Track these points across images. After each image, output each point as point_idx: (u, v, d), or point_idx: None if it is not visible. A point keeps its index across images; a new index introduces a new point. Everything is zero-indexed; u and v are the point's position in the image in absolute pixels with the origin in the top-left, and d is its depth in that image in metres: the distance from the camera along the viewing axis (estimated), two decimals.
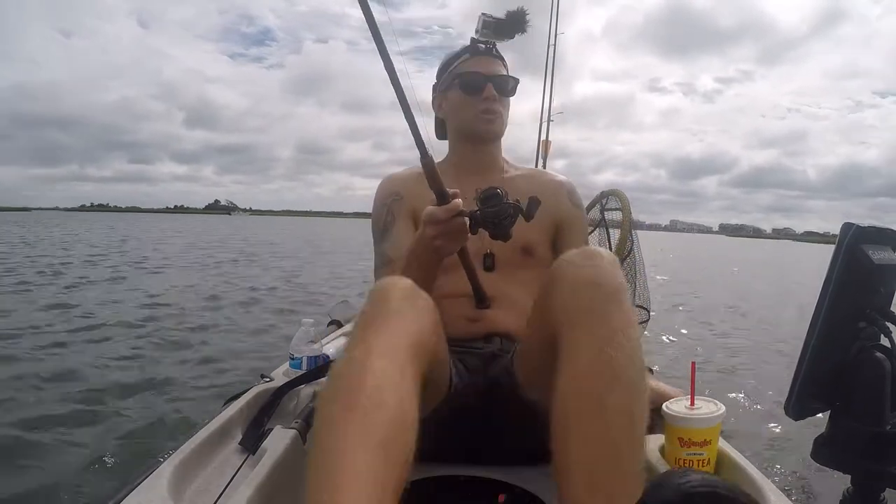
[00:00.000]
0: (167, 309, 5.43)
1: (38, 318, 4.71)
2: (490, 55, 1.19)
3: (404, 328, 0.73)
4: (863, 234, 0.70)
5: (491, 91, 1.15)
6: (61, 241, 17.43)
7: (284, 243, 20.70)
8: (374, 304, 0.76)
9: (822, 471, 0.74)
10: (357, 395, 0.64)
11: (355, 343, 0.71)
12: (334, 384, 0.67)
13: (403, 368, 0.69)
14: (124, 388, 2.92)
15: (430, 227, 0.89)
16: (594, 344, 0.70)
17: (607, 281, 0.75)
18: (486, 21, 1.16)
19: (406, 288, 0.79)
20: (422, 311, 0.78)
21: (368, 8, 0.93)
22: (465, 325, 1.12)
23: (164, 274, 8.81)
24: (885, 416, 0.68)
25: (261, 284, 7.70)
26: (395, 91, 0.96)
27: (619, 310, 0.73)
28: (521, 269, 1.16)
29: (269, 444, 0.94)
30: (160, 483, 0.80)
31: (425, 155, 0.96)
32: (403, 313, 0.75)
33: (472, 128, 1.20)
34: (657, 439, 0.86)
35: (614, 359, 0.69)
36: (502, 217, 0.87)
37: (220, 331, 4.55)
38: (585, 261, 0.78)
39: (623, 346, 0.70)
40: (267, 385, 1.20)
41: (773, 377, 3.72)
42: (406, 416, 0.65)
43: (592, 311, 0.73)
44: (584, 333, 0.72)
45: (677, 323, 5.91)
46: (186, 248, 15.60)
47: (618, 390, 0.67)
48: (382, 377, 0.66)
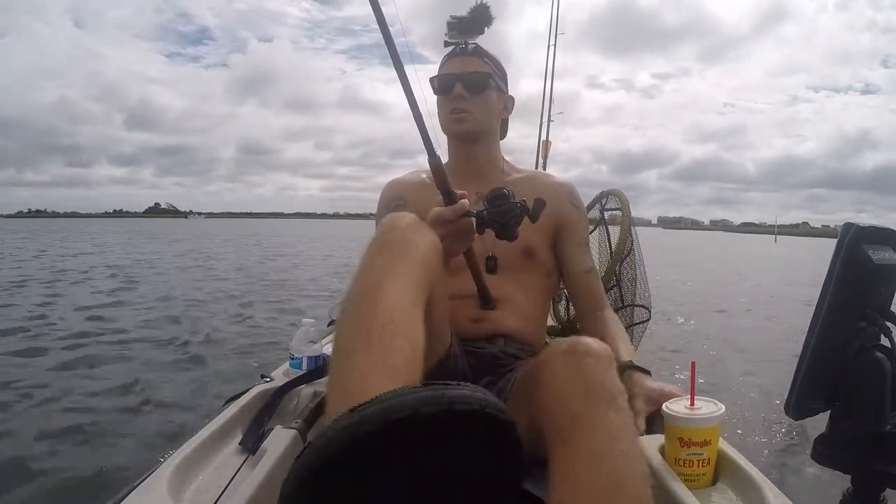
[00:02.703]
0: (168, 309, 5.44)
1: (37, 317, 4.71)
2: (464, 55, 1.19)
3: (413, 255, 0.75)
4: (863, 234, 0.70)
5: (459, 90, 1.16)
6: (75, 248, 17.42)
7: (314, 243, 20.82)
8: (383, 233, 0.78)
9: (822, 471, 0.74)
10: (371, 323, 0.66)
11: (368, 270, 0.73)
12: (348, 306, 0.70)
13: (415, 298, 0.71)
14: (124, 389, 2.92)
15: (438, 228, 0.89)
16: (592, 457, 0.61)
17: (602, 382, 0.66)
18: (450, 23, 1.17)
19: (413, 220, 0.81)
20: (429, 241, 0.80)
21: (378, 5, 0.92)
22: (470, 326, 1.13)
23: (164, 277, 8.82)
24: (885, 416, 0.68)
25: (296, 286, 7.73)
26: (403, 89, 0.95)
27: (617, 415, 0.64)
28: (523, 272, 1.18)
29: (269, 444, 0.94)
30: (160, 483, 0.80)
31: (433, 155, 0.96)
32: (413, 242, 0.77)
33: (447, 128, 1.21)
34: (657, 439, 0.86)
35: (616, 471, 0.60)
36: (509, 217, 0.88)
37: (221, 330, 4.55)
38: (576, 361, 0.68)
39: (624, 453, 0.62)
40: (267, 385, 1.19)
41: (774, 377, 3.72)
42: (416, 343, 0.67)
43: (584, 417, 0.64)
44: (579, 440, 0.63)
45: (677, 322, 5.91)
46: (184, 252, 15.63)
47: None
48: (395, 307, 0.68)
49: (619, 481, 0.60)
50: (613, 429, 0.63)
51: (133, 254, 14.21)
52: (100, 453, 2.16)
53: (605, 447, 0.62)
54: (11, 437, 2.27)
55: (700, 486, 0.81)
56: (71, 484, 1.93)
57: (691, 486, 0.78)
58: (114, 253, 14.55)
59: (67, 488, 1.90)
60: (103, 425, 2.44)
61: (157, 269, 10.05)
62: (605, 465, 0.61)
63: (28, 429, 2.35)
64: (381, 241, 0.77)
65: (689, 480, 0.80)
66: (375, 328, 0.65)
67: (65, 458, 2.11)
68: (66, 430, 2.37)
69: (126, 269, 9.86)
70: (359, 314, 0.68)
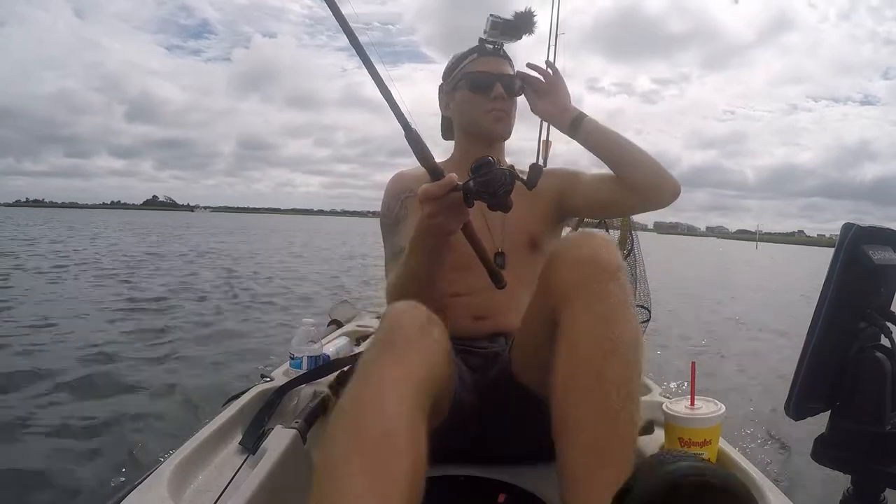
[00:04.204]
0: (167, 308, 5.43)
1: (37, 314, 4.71)
2: (498, 55, 1.19)
3: (418, 361, 0.70)
4: (863, 234, 0.70)
5: (500, 90, 1.15)
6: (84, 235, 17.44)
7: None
8: (387, 331, 0.73)
9: (822, 471, 0.74)
10: (366, 439, 0.61)
11: (366, 376, 0.68)
12: (343, 419, 0.65)
13: (417, 403, 0.67)
14: (124, 389, 2.92)
15: (428, 205, 0.86)
16: (592, 318, 0.73)
17: (606, 259, 0.77)
18: (494, 22, 1.15)
19: (420, 316, 0.76)
20: (436, 343, 0.75)
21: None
22: (471, 324, 1.13)
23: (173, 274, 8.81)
24: (885, 417, 0.68)
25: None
26: (364, 64, 0.91)
27: (618, 286, 0.75)
28: (530, 267, 1.15)
29: (269, 444, 0.94)
30: (160, 483, 0.80)
31: (408, 128, 0.91)
32: (418, 344, 0.72)
33: (480, 127, 1.19)
34: (657, 439, 0.86)
35: (612, 332, 0.71)
36: (497, 185, 0.83)
37: (221, 330, 4.55)
38: (583, 241, 0.80)
39: (621, 320, 0.72)
40: (267, 385, 1.20)
41: (774, 377, 3.72)
42: (417, 458, 0.62)
43: (591, 287, 0.74)
44: (582, 309, 0.74)
45: (677, 322, 5.91)
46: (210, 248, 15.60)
47: (615, 362, 0.70)
48: (395, 417, 0.63)
49: (613, 341, 0.70)
50: (612, 297, 0.73)
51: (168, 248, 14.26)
52: (100, 453, 2.15)
53: (605, 310, 0.73)
54: (11, 437, 2.27)
55: None
56: (71, 484, 1.93)
57: None
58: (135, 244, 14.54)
59: (67, 488, 1.90)
60: (103, 425, 2.43)
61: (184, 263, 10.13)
62: (602, 324, 0.72)
63: (28, 429, 2.35)
64: (383, 345, 0.72)
65: None
66: (371, 444, 0.61)
67: (65, 459, 2.11)
68: (66, 430, 2.36)
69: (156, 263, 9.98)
70: (353, 428, 0.63)
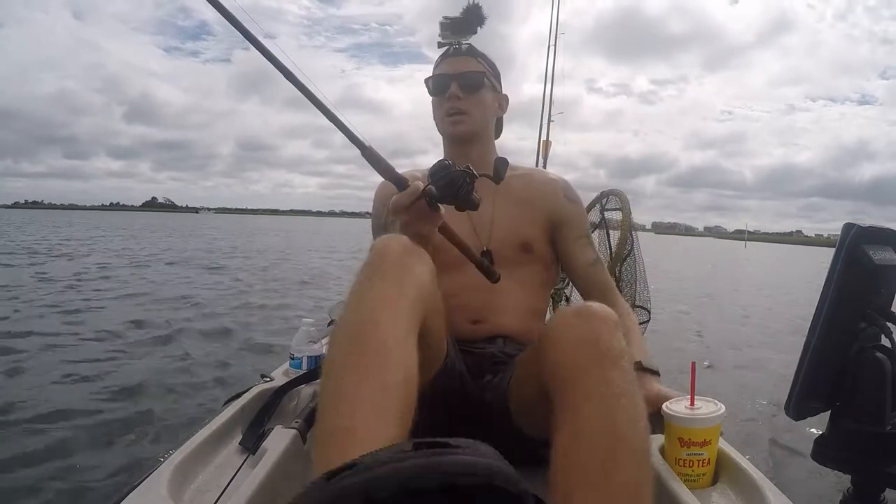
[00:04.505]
0: (168, 307, 5.44)
1: (37, 314, 4.71)
2: (457, 55, 1.18)
3: (407, 281, 0.74)
4: (863, 234, 0.70)
5: (454, 89, 1.15)
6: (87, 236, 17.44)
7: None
8: (375, 256, 0.77)
9: (822, 471, 0.74)
10: (364, 351, 0.66)
11: (360, 296, 0.72)
12: (341, 336, 0.69)
13: (408, 324, 0.71)
14: (124, 389, 2.92)
15: (400, 215, 0.87)
16: (595, 410, 0.65)
17: (607, 343, 0.70)
18: (443, 24, 1.17)
19: (406, 243, 0.80)
20: (422, 265, 0.79)
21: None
22: (468, 327, 1.13)
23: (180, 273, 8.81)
24: (885, 417, 0.68)
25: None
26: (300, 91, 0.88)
27: (620, 374, 0.68)
28: (521, 266, 1.16)
29: (269, 444, 0.94)
30: (160, 483, 0.80)
31: (363, 147, 0.89)
32: (406, 266, 0.76)
33: (443, 129, 1.20)
34: (657, 439, 0.86)
35: (618, 426, 0.64)
36: (457, 187, 0.84)
37: (221, 329, 4.55)
38: (583, 321, 0.73)
39: (626, 410, 0.65)
40: (267, 385, 1.19)
41: (774, 377, 3.72)
42: (409, 371, 0.67)
43: (591, 372, 0.68)
44: (583, 398, 0.67)
45: (676, 321, 5.91)
46: (231, 250, 15.64)
47: (623, 461, 0.62)
48: (389, 337, 0.67)
49: (621, 435, 0.63)
50: (616, 386, 0.66)
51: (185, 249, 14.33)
52: (100, 453, 2.15)
53: (608, 402, 0.65)
54: (11, 437, 2.27)
55: (700, 487, 0.81)
56: (71, 484, 1.93)
57: (691, 487, 0.79)
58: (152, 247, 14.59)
59: (67, 488, 1.90)
60: (103, 425, 2.43)
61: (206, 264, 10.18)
62: (607, 417, 0.64)
63: (28, 429, 2.35)
64: (373, 268, 0.75)
65: (689, 480, 0.80)
66: (368, 358, 0.65)
67: (65, 459, 2.11)
68: (66, 429, 2.36)
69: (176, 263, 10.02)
70: (351, 345, 0.67)
